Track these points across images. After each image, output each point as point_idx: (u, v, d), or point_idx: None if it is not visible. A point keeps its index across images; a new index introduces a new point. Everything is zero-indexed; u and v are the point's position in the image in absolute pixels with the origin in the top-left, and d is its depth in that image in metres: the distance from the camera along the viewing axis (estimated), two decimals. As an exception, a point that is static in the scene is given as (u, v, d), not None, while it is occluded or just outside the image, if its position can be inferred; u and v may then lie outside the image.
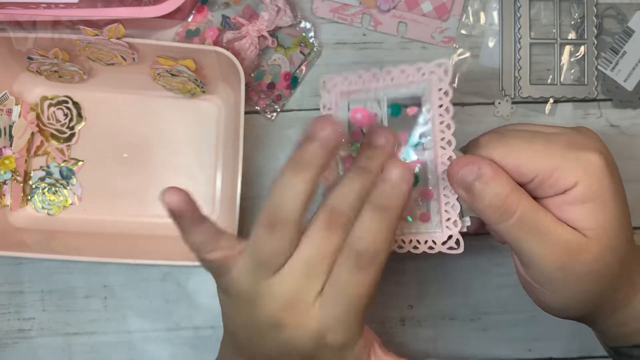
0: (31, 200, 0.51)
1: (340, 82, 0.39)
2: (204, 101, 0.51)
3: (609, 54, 0.51)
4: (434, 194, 0.36)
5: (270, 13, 0.48)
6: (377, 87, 0.37)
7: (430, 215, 0.37)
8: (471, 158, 0.34)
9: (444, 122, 0.36)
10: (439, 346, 0.52)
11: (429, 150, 0.36)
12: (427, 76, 0.36)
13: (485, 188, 0.33)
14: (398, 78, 0.37)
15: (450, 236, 0.36)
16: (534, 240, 0.33)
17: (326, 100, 0.39)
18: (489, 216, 0.33)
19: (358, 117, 0.38)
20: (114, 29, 0.43)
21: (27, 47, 0.45)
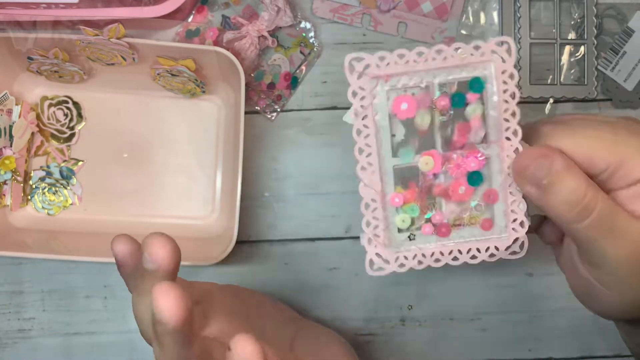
0: (31, 200, 0.51)
1: (374, 63, 0.31)
2: (204, 101, 0.51)
3: (609, 54, 0.51)
4: (500, 195, 0.33)
5: (270, 13, 0.48)
6: (424, 69, 0.31)
7: (494, 220, 0.33)
8: (541, 150, 0.30)
9: (508, 110, 0.31)
10: (439, 346, 0.52)
11: (493, 144, 0.32)
12: (487, 56, 0.31)
13: (560, 184, 0.29)
14: (451, 58, 0.31)
15: (516, 239, 0.33)
16: (610, 239, 0.30)
17: (356, 87, 0.32)
18: (563, 215, 0.30)
19: (403, 108, 0.32)
20: (114, 29, 0.43)
21: (27, 47, 0.45)
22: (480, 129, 0.32)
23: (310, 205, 0.51)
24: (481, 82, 0.32)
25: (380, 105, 0.32)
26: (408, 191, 0.33)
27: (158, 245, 0.28)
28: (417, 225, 0.34)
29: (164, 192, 0.51)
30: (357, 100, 0.32)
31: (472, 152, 0.32)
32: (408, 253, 0.33)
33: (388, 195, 0.33)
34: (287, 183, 0.51)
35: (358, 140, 0.32)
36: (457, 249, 0.33)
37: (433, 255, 0.33)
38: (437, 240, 0.34)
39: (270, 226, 0.51)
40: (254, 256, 0.51)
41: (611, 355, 0.52)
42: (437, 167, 0.33)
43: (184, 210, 0.50)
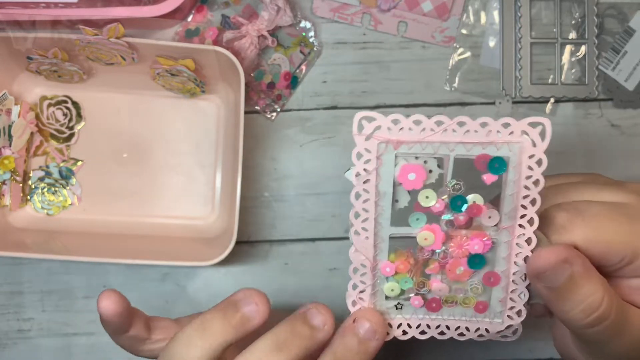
0: (30, 200, 0.51)
1: (385, 126, 0.28)
2: (204, 101, 0.51)
3: (609, 53, 0.51)
4: (502, 281, 0.31)
5: (270, 12, 0.48)
6: (441, 140, 0.28)
7: (490, 304, 0.31)
8: (560, 251, 0.28)
9: (528, 197, 0.29)
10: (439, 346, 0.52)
11: (504, 229, 0.30)
12: (516, 136, 0.28)
13: (577, 290, 0.28)
14: (474, 133, 0.28)
15: (510, 326, 0.32)
16: (619, 339, 0.29)
17: (362, 148, 0.28)
18: (576, 320, 0.29)
19: (410, 179, 0.29)
20: (113, 28, 0.43)
21: (26, 47, 0.45)
22: (494, 213, 0.30)
23: (310, 205, 0.51)
24: (503, 163, 0.28)
25: (385, 172, 0.29)
26: (401, 262, 0.31)
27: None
28: (406, 296, 0.32)
29: (164, 192, 0.51)
30: (361, 162, 0.29)
31: (479, 235, 0.30)
32: (393, 321, 0.32)
33: (380, 262, 0.31)
34: (287, 183, 0.51)
35: (355, 205, 0.29)
36: (446, 324, 0.32)
37: (419, 327, 0.32)
38: (426, 314, 0.32)
39: (270, 226, 0.51)
40: (254, 256, 0.51)
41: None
42: (437, 244, 0.30)
43: (183, 210, 0.50)
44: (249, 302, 0.29)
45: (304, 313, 0.29)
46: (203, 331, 0.29)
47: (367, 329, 0.29)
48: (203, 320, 0.29)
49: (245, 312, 0.29)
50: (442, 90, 0.51)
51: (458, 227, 0.30)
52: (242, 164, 0.44)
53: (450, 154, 0.29)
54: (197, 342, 0.28)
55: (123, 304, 0.31)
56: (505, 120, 0.28)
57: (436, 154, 0.29)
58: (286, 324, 0.29)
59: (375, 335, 0.29)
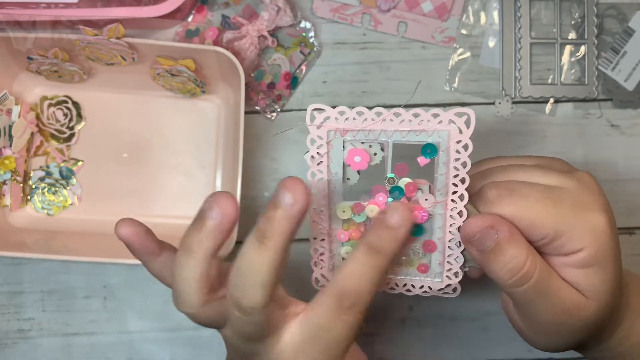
0: (31, 200, 0.51)
1: (333, 117, 0.33)
2: (204, 101, 0.51)
3: (609, 53, 0.51)
4: (438, 246, 0.35)
5: (270, 13, 0.48)
6: (381, 129, 0.33)
7: (431, 266, 0.36)
8: (488, 219, 0.32)
9: (458, 176, 0.33)
10: (439, 346, 0.52)
11: (439, 203, 0.34)
12: (445, 125, 0.32)
13: (503, 252, 0.32)
14: (409, 122, 0.32)
15: (449, 285, 0.36)
16: (542, 301, 0.33)
17: (314, 135, 0.33)
18: (503, 279, 0.33)
19: (356, 161, 0.34)
20: (113, 28, 0.43)
21: (26, 47, 0.45)
22: (430, 196, 0.34)
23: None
24: (434, 148, 0.33)
25: (335, 155, 0.34)
26: (354, 230, 0.35)
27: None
28: None
29: (164, 192, 0.51)
30: (315, 147, 0.33)
31: (417, 207, 0.34)
32: None
33: (335, 230, 0.35)
34: (287, 183, 0.51)
35: (311, 182, 0.34)
36: (394, 282, 0.36)
37: None
38: None
39: (270, 226, 0.51)
40: (254, 256, 0.51)
41: (612, 355, 0.52)
42: None
43: (183, 210, 0.50)
44: (212, 207, 0.31)
45: (272, 198, 0.30)
46: (185, 251, 0.30)
47: (396, 219, 0.31)
48: (182, 242, 0.31)
49: (210, 220, 0.31)
50: (442, 90, 0.51)
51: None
52: (242, 164, 0.44)
53: (389, 140, 0.33)
54: (184, 262, 0.30)
55: (139, 225, 0.33)
56: (434, 111, 0.32)
57: (377, 140, 0.33)
58: (263, 215, 0.30)
59: (404, 222, 0.31)
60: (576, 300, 0.33)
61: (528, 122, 0.51)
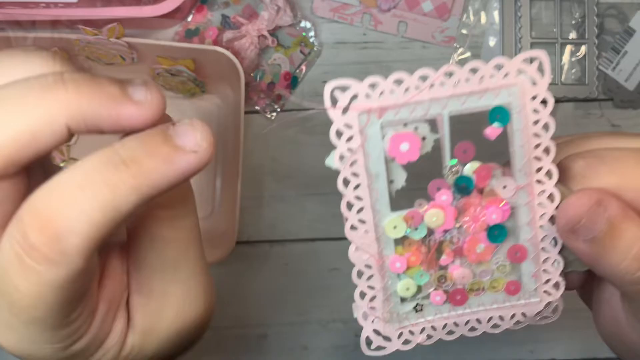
0: (30, 200, 0.50)
1: (362, 93, 0.24)
2: (204, 101, 0.51)
3: (610, 53, 0.50)
4: (529, 252, 0.26)
5: (270, 12, 0.48)
6: (430, 99, 0.24)
7: (522, 282, 0.27)
8: (592, 194, 0.24)
9: (540, 146, 0.25)
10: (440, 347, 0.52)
11: (520, 189, 0.25)
12: (513, 78, 0.24)
13: (621, 234, 0.24)
14: (465, 83, 0.24)
15: (549, 303, 0.27)
16: None
17: (340, 124, 0.24)
18: (629, 272, 0.24)
19: (403, 150, 0.24)
20: (113, 28, 0.43)
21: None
22: (508, 181, 0.26)
23: (310, 206, 0.51)
24: (505, 112, 0.24)
25: (373, 147, 0.24)
26: (412, 252, 0.26)
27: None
28: (424, 293, 0.27)
29: (164, 192, 0.50)
30: (343, 141, 0.24)
31: (494, 201, 0.25)
32: (414, 327, 0.28)
33: (387, 259, 0.26)
34: (287, 183, 0.51)
35: (346, 193, 0.25)
36: (476, 318, 0.27)
37: (445, 327, 0.28)
38: (451, 310, 0.28)
39: (270, 226, 0.51)
40: (254, 256, 0.51)
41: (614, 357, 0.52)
42: (449, 222, 0.26)
43: (183, 211, 0.50)
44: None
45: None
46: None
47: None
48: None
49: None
50: (443, 90, 0.51)
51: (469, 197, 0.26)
52: (242, 164, 0.44)
53: (443, 112, 0.24)
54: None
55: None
56: (497, 61, 0.24)
57: (427, 116, 0.24)
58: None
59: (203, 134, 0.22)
60: None
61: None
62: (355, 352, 0.51)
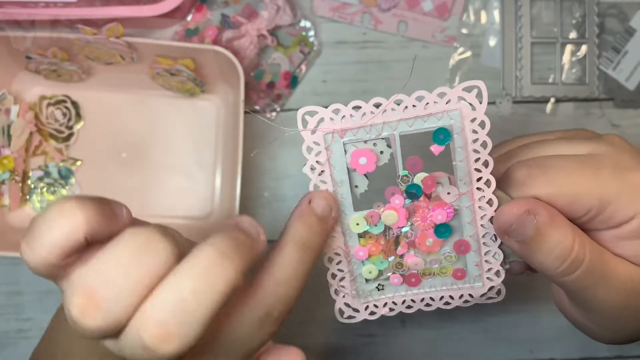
0: (29, 200, 0.50)
1: (327, 117, 0.29)
2: (203, 100, 0.51)
3: (610, 53, 0.50)
4: (472, 245, 0.31)
5: (269, 12, 0.48)
6: (383, 121, 0.29)
7: (467, 270, 0.32)
8: (521, 204, 0.29)
9: (479, 160, 0.29)
10: (440, 347, 0.52)
11: (463, 195, 0.30)
12: (454, 104, 0.29)
13: (546, 238, 0.28)
14: (413, 108, 0.29)
15: (492, 287, 0.32)
16: (600, 286, 0.29)
17: (310, 142, 0.30)
18: (552, 269, 0.29)
19: (362, 163, 0.30)
20: (112, 28, 0.43)
21: (25, 46, 0.45)
22: (452, 188, 0.30)
23: (310, 205, 0.51)
24: (447, 132, 0.29)
25: (337, 161, 0.30)
26: (373, 244, 0.31)
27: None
28: (385, 276, 0.33)
29: (163, 192, 0.50)
30: (313, 155, 0.30)
31: (439, 204, 0.30)
32: (378, 302, 0.33)
33: (352, 249, 0.31)
34: (287, 183, 0.51)
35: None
36: (430, 296, 0.32)
37: (404, 302, 0.33)
38: (407, 289, 0.33)
39: (270, 226, 0.51)
40: (254, 256, 0.51)
41: (612, 356, 0.52)
42: (402, 221, 0.31)
43: (183, 210, 0.50)
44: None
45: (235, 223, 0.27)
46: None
47: (322, 205, 0.29)
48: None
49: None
50: (443, 90, 0.51)
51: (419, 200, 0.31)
52: (242, 164, 0.44)
53: (395, 132, 0.29)
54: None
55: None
56: (440, 90, 0.28)
57: (381, 135, 0.29)
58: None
59: (332, 211, 0.29)
60: (638, 275, 0.29)
61: (529, 122, 0.51)
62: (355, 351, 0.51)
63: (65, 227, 0.23)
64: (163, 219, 0.50)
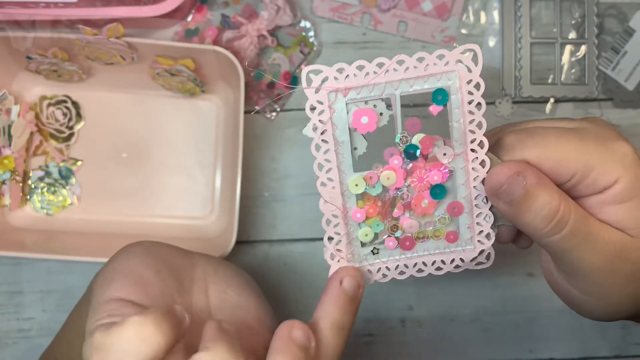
0: (30, 200, 0.50)
1: (332, 76, 0.30)
2: (204, 101, 0.51)
3: (609, 53, 0.50)
4: (465, 207, 0.32)
5: (269, 12, 0.48)
6: (385, 81, 0.30)
7: (459, 232, 0.33)
8: (512, 165, 0.30)
9: (474, 121, 0.31)
10: (439, 347, 0.52)
11: (457, 156, 0.31)
12: (452, 66, 0.30)
13: (534, 199, 0.30)
14: (413, 69, 0.30)
15: (482, 251, 0.33)
16: (584, 249, 0.30)
17: (313, 100, 0.30)
18: (538, 229, 0.30)
19: (363, 122, 0.31)
20: (113, 28, 0.43)
21: (25, 47, 0.45)
22: (447, 149, 0.31)
23: (310, 205, 0.51)
24: (445, 93, 0.30)
25: (339, 120, 0.31)
26: (370, 205, 0.32)
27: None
28: (380, 239, 0.33)
29: (163, 192, 0.51)
30: (316, 114, 0.30)
31: (436, 165, 0.31)
32: (372, 267, 0.33)
33: (350, 210, 0.32)
34: (287, 183, 0.51)
35: (317, 156, 0.31)
36: (422, 261, 0.33)
37: (397, 268, 0.33)
38: (401, 253, 0.33)
39: (270, 226, 0.51)
40: (254, 256, 0.51)
41: (612, 356, 0.52)
42: (400, 182, 0.32)
43: (183, 210, 0.50)
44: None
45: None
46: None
47: (353, 285, 0.31)
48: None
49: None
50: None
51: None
52: (242, 164, 0.44)
53: (396, 92, 0.30)
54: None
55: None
56: (439, 52, 0.30)
57: (383, 95, 0.30)
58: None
59: (360, 287, 0.31)
60: (622, 240, 0.30)
61: (528, 122, 0.51)
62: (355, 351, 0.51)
63: (148, 354, 0.26)
64: (163, 219, 0.50)
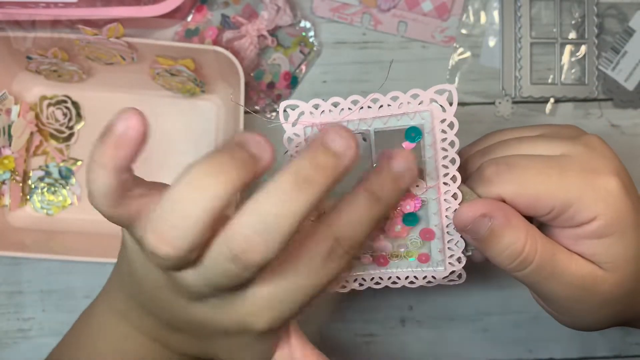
0: (30, 200, 0.51)
1: (308, 112, 0.31)
2: (203, 101, 0.51)
3: (609, 53, 0.50)
4: (436, 234, 0.33)
5: (269, 12, 0.48)
6: (359, 118, 0.31)
7: (431, 255, 0.34)
8: (478, 207, 0.31)
9: (447, 157, 0.31)
10: (439, 347, 0.52)
11: (431, 188, 0.32)
12: (426, 105, 0.31)
13: (499, 239, 0.30)
14: (388, 107, 0.31)
15: (453, 271, 0.34)
16: (551, 282, 0.31)
17: (290, 133, 0.31)
18: (504, 265, 0.31)
19: None
20: (113, 28, 0.43)
21: (26, 47, 0.45)
22: (420, 182, 0.32)
23: (310, 205, 0.51)
24: (418, 131, 0.31)
25: None
26: None
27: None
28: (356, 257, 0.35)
29: (164, 192, 0.51)
30: (293, 145, 0.31)
31: (409, 196, 0.32)
32: (349, 277, 0.35)
33: None
34: (287, 183, 0.51)
35: None
36: (396, 275, 0.34)
37: (373, 279, 0.35)
38: (376, 268, 0.35)
39: (270, 226, 0.51)
40: (254, 256, 0.51)
41: (611, 355, 0.52)
42: None
43: (183, 210, 0.50)
44: (255, 141, 0.28)
45: (320, 140, 0.26)
46: (213, 174, 0.26)
47: (402, 168, 0.29)
48: (209, 162, 0.26)
49: (254, 151, 0.27)
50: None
51: None
52: (241, 164, 0.44)
53: (370, 128, 0.31)
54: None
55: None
56: (413, 91, 0.30)
57: (357, 130, 0.31)
58: (305, 156, 0.26)
59: (409, 172, 0.29)
60: (591, 274, 0.31)
61: (528, 122, 0.51)
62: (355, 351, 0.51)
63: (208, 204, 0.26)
64: (163, 219, 0.50)
